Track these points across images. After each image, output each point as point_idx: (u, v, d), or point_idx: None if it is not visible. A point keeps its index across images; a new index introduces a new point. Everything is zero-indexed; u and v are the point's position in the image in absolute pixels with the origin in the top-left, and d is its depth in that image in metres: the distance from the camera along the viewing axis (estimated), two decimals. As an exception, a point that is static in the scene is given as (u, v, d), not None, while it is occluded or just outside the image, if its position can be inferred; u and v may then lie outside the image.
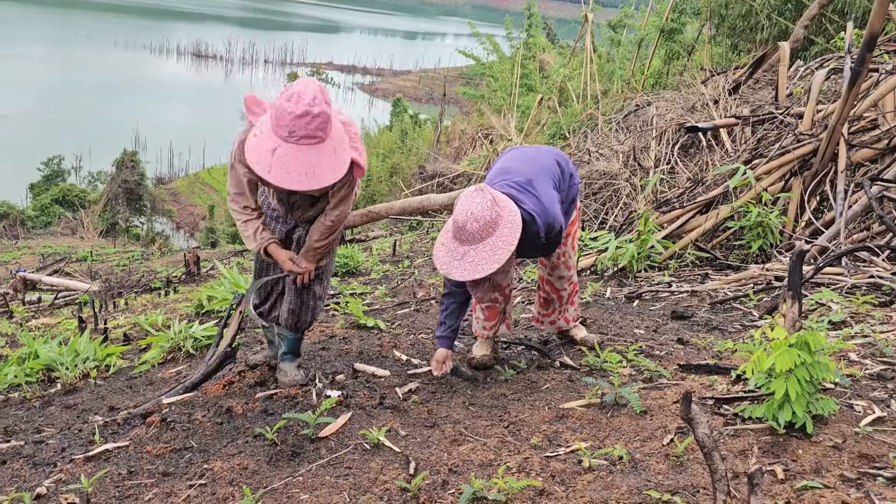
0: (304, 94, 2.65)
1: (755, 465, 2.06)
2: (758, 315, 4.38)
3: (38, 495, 2.53)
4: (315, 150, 2.67)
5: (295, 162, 2.66)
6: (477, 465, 2.59)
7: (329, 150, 2.71)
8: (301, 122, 2.63)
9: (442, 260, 3.09)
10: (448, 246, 3.09)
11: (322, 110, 2.64)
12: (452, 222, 3.06)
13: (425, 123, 25.68)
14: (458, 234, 3.05)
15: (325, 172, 2.70)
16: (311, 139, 2.66)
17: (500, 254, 3.03)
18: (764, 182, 5.90)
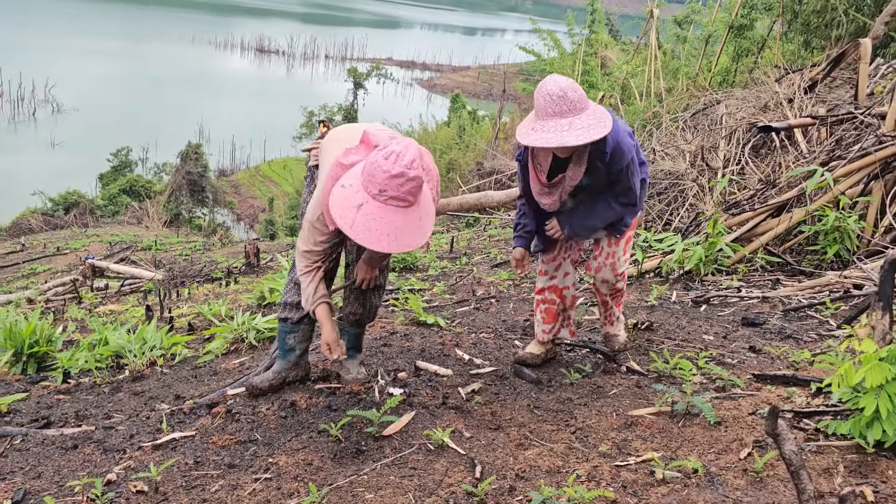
0: (403, 156, 2.53)
1: (844, 485, 1.95)
2: (835, 325, 4.18)
3: (108, 481, 2.57)
4: (402, 213, 2.55)
5: (380, 221, 2.53)
6: (544, 471, 2.52)
7: (415, 217, 2.59)
8: (394, 183, 2.51)
9: (543, 137, 2.94)
10: (546, 124, 2.95)
11: (418, 175, 2.53)
12: (545, 99, 2.95)
13: (483, 120, 25.58)
14: (558, 107, 2.93)
15: (408, 238, 2.57)
16: (401, 202, 2.53)
17: (605, 120, 2.97)
18: (842, 185, 5.64)
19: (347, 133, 3.06)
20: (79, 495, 2.47)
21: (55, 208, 24.33)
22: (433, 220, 2.72)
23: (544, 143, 2.94)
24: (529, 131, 3.00)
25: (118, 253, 15.05)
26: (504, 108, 22.38)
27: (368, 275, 3.22)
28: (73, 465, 2.77)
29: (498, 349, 3.99)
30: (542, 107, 2.95)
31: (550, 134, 2.93)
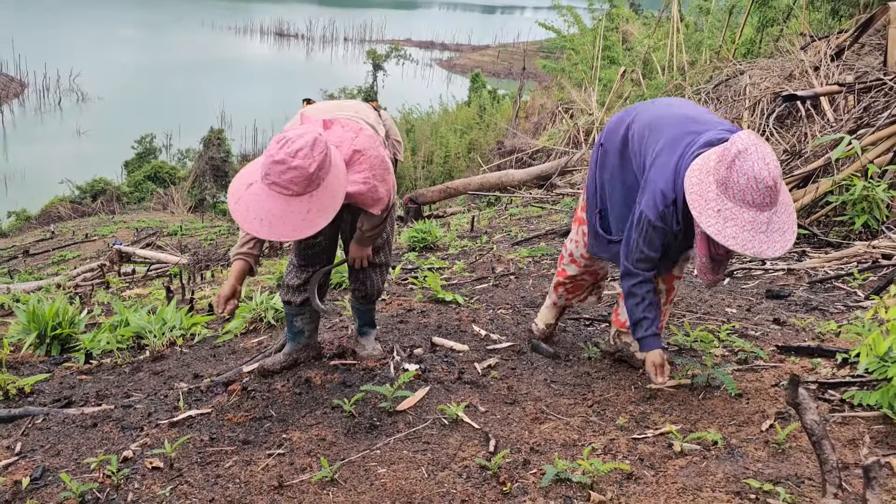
0: (292, 143, 2.42)
1: (870, 456, 1.88)
2: (863, 295, 4.08)
3: (124, 458, 2.58)
4: (283, 201, 2.43)
5: (258, 205, 2.44)
6: (560, 444, 2.49)
7: (300, 209, 2.44)
8: (276, 169, 2.40)
9: (742, 238, 2.37)
10: (741, 215, 2.37)
11: (300, 165, 2.39)
12: (751, 185, 2.34)
13: (504, 98, 25.37)
14: (764, 198, 2.35)
15: (284, 227, 2.44)
16: (284, 189, 2.42)
17: (793, 213, 2.47)
18: (870, 153, 5.48)
19: (312, 110, 2.98)
20: (95, 472, 2.49)
21: (83, 196, 24.63)
22: (329, 215, 2.50)
23: (743, 249, 2.37)
24: (718, 218, 2.40)
25: (144, 238, 15.22)
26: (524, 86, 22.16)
27: (359, 254, 3.16)
28: (91, 442, 2.79)
29: (516, 325, 3.94)
30: (743, 192, 2.36)
31: (749, 234, 2.37)
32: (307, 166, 2.40)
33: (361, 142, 2.69)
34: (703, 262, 2.67)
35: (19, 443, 2.82)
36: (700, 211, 2.43)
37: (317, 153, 2.43)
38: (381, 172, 2.72)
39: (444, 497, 2.19)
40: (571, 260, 3.34)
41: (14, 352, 4.34)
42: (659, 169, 2.64)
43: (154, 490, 2.37)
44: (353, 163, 2.65)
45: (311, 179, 2.42)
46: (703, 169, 2.48)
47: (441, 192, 11.64)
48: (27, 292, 7.86)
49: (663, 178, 2.62)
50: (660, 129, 2.74)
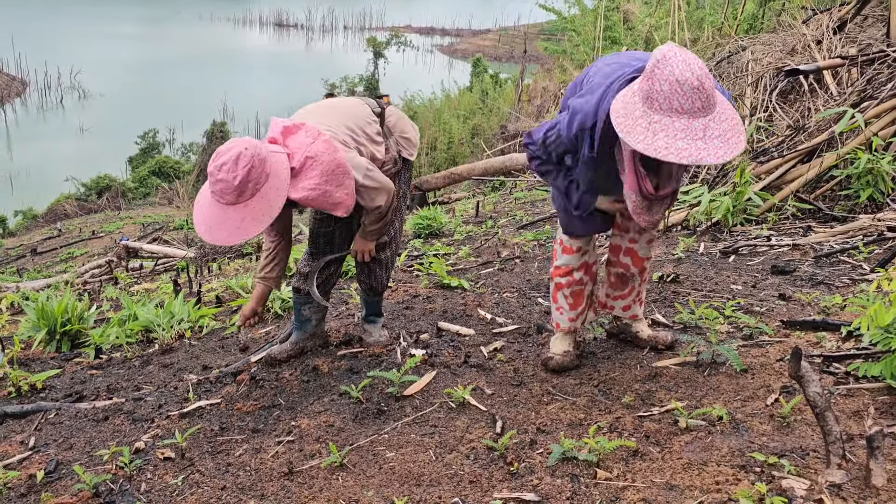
0: (219, 157, 2.59)
1: (873, 426, 1.89)
2: (869, 268, 4.07)
3: (136, 449, 2.62)
4: (221, 209, 2.61)
5: (204, 210, 2.65)
6: (566, 424, 2.51)
7: (235, 217, 2.60)
8: (210, 180, 2.60)
9: (674, 147, 2.18)
10: (672, 124, 2.20)
11: (223, 178, 2.56)
12: (675, 90, 2.18)
13: (506, 83, 25.26)
14: (692, 102, 2.18)
15: (220, 234, 2.61)
16: (219, 198, 2.59)
17: (739, 120, 2.29)
18: (874, 126, 5.44)
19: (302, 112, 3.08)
20: (108, 463, 2.53)
21: (88, 193, 24.73)
22: (264, 223, 2.63)
23: (679, 158, 2.18)
24: (647, 132, 2.23)
25: (151, 234, 15.28)
26: (526, 69, 22.06)
27: (361, 247, 3.20)
28: (103, 435, 2.83)
29: (521, 308, 3.96)
30: (668, 99, 2.20)
31: (683, 143, 2.18)
32: (231, 180, 2.55)
33: (316, 148, 2.74)
34: (634, 201, 2.53)
35: (33, 437, 2.86)
36: (627, 130, 2.26)
37: (240, 167, 2.55)
38: (336, 177, 2.74)
39: (453, 478, 2.21)
40: (564, 249, 3.06)
41: (25, 349, 4.38)
42: (584, 97, 2.58)
43: (166, 480, 2.40)
44: (305, 169, 2.71)
45: (240, 191, 2.57)
46: (628, 92, 2.36)
47: (445, 179, 11.62)
48: (36, 290, 7.92)
49: (586, 104, 2.53)
50: (594, 75, 2.67)
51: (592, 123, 2.50)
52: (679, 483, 2.05)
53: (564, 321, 3.08)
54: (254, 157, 2.58)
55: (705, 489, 1.99)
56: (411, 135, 3.30)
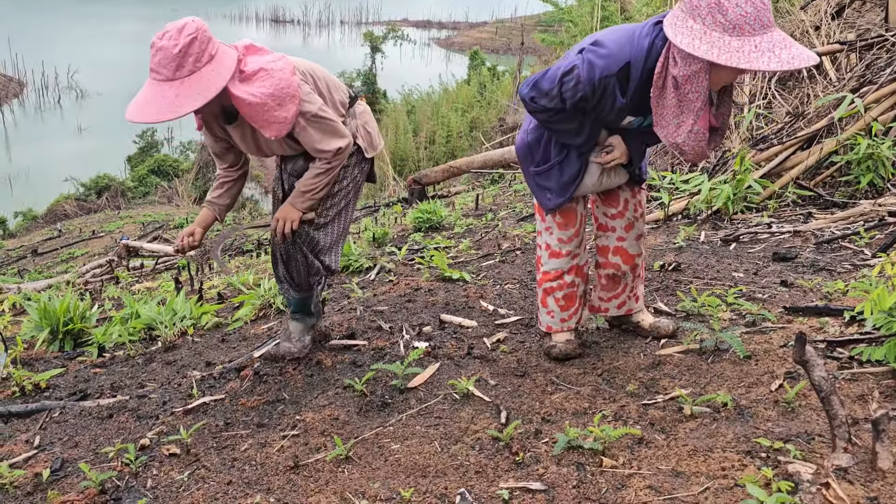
0: (166, 28, 2.51)
1: (879, 409, 1.89)
2: (870, 254, 4.06)
3: (142, 446, 2.62)
4: (157, 86, 2.49)
5: (141, 95, 2.53)
6: (571, 413, 2.51)
7: (169, 93, 2.47)
8: (151, 52, 2.50)
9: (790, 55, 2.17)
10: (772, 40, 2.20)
11: (164, 45, 2.46)
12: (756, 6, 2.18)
13: (504, 75, 25.20)
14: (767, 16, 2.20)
15: (149, 110, 2.47)
16: (156, 74, 2.49)
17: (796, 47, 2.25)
18: (874, 111, 5.43)
19: None
20: (113, 461, 2.53)
21: (87, 193, 24.73)
22: (196, 102, 2.48)
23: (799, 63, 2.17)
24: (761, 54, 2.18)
25: (151, 232, 15.29)
26: (524, 61, 22.02)
27: (284, 214, 2.92)
28: (108, 433, 2.83)
29: (523, 298, 3.96)
30: (757, 18, 2.19)
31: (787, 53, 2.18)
32: (171, 47, 2.45)
33: (274, 65, 2.65)
34: (702, 138, 2.46)
35: (38, 436, 2.86)
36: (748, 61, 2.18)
37: (183, 35, 2.47)
38: (282, 97, 2.63)
39: (458, 469, 2.21)
40: (551, 253, 2.97)
41: (28, 348, 4.38)
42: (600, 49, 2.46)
43: (172, 476, 2.40)
44: (255, 77, 2.61)
45: (178, 64, 2.46)
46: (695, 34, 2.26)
47: (444, 172, 11.61)
48: (38, 291, 7.92)
49: (610, 53, 2.44)
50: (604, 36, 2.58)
51: (620, 70, 2.45)
52: (685, 469, 2.05)
53: (556, 323, 3.04)
54: (199, 31, 2.51)
55: (711, 475, 2.00)
56: (374, 133, 3.13)
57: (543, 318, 3.06)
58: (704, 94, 2.39)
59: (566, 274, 2.97)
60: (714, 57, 2.22)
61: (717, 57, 2.22)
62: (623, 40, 2.46)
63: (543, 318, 3.06)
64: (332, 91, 2.94)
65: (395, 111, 24.65)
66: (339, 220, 3.07)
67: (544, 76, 2.58)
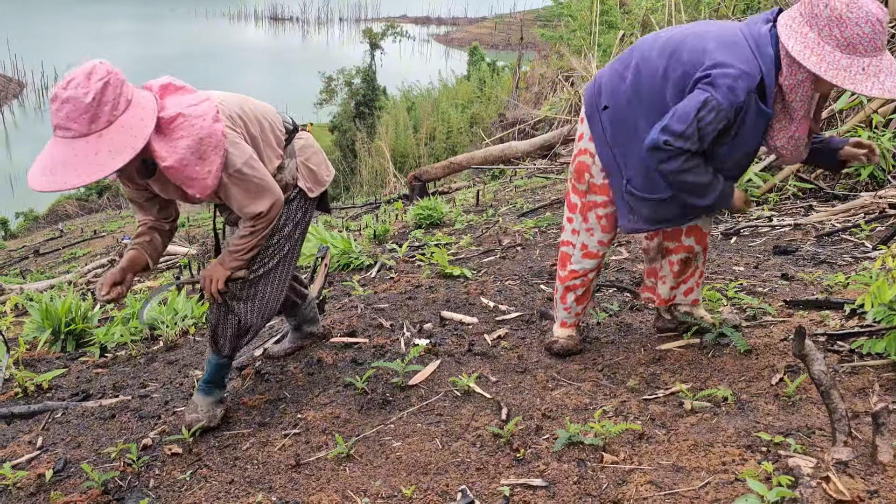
0: (68, 77, 2.14)
1: (879, 403, 1.89)
2: (871, 246, 4.06)
3: (144, 446, 2.63)
4: (68, 145, 2.12)
5: (45, 155, 2.15)
6: (571, 409, 2.51)
7: (88, 150, 2.11)
8: (52, 109, 2.12)
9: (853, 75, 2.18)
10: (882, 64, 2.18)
11: (72, 95, 2.09)
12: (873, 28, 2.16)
13: (503, 70, 25.16)
14: (884, 37, 2.18)
15: (67, 174, 2.10)
16: (64, 131, 2.12)
17: None
18: (874, 103, 5.42)
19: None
20: (116, 461, 2.54)
21: (88, 193, 24.74)
22: (126, 156, 2.14)
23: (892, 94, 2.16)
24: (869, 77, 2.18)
25: (152, 232, 15.27)
26: (523, 56, 21.95)
27: (211, 273, 2.61)
28: (111, 433, 2.84)
29: (524, 295, 3.96)
30: (872, 39, 2.17)
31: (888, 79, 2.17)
32: (81, 96, 2.10)
33: (194, 109, 2.30)
34: (798, 144, 2.44)
35: (40, 437, 2.87)
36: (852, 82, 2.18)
37: (93, 82, 2.12)
38: (201, 148, 2.28)
39: (459, 466, 2.22)
40: (585, 254, 2.89)
41: (30, 349, 4.39)
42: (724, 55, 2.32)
43: (174, 475, 2.41)
44: (173, 126, 2.26)
45: (93, 114, 2.11)
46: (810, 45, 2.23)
47: (445, 168, 11.61)
48: (40, 291, 7.93)
49: (739, 61, 2.30)
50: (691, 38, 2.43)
51: (756, 86, 2.32)
52: (686, 464, 2.05)
53: (571, 318, 3.02)
54: (111, 74, 2.17)
55: (712, 470, 2.00)
56: (316, 168, 2.81)
57: (560, 313, 3.03)
58: (808, 103, 2.37)
59: (591, 272, 2.93)
60: (821, 71, 2.20)
61: (824, 72, 2.20)
62: (745, 54, 2.32)
63: (559, 314, 3.03)
64: (267, 131, 2.61)
65: (395, 108, 24.62)
66: (280, 268, 2.74)
67: (673, 118, 2.37)
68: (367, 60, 26.60)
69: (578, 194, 2.83)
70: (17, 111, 39.35)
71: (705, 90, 2.32)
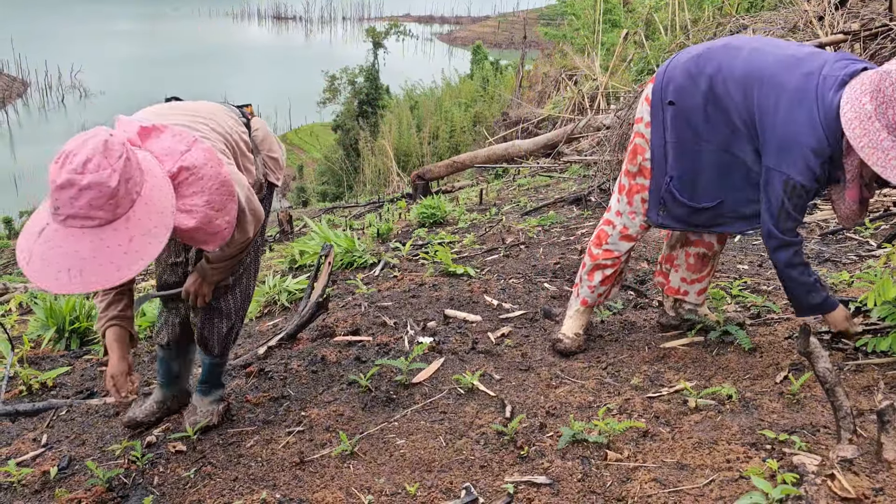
0: (74, 156, 1.76)
1: (884, 400, 1.89)
2: (876, 244, 4.05)
3: (148, 443, 2.63)
4: (90, 236, 1.78)
5: (58, 251, 1.78)
6: (575, 407, 2.51)
7: (116, 240, 1.81)
8: (64, 196, 1.75)
9: None
10: None
11: (95, 181, 1.75)
12: None
13: (506, 69, 25.16)
14: None
15: (102, 271, 1.79)
16: (86, 220, 1.77)
17: None
18: None
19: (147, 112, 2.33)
20: (120, 458, 2.54)
21: (92, 192, 24.81)
22: (162, 237, 1.88)
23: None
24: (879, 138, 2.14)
25: (155, 230, 15.29)
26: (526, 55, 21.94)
27: (195, 288, 2.49)
28: (115, 431, 2.84)
29: (527, 293, 3.96)
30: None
31: None
32: (105, 180, 1.77)
33: (193, 157, 2.01)
34: (855, 209, 2.42)
35: (45, 434, 2.88)
36: (883, 165, 2.13)
37: (114, 160, 1.80)
38: (219, 199, 2.05)
39: (463, 464, 2.22)
40: (624, 236, 2.88)
41: (34, 347, 4.40)
42: (794, 127, 2.32)
43: (179, 472, 2.41)
44: (179, 185, 1.99)
45: (119, 198, 1.80)
46: (861, 116, 2.18)
47: (448, 167, 11.60)
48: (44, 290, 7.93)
49: (808, 135, 2.30)
50: (771, 78, 2.39)
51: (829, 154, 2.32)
52: (690, 462, 2.05)
53: (593, 297, 3.01)
54: (125, 145, 1.86)
55: (716, 468, 1.99)
56: (278, 154, 2.69)
57: (583, 291, 3.01)
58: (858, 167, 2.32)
59: (624, 255, 2.94)
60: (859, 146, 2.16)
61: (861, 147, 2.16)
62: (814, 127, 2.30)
63: (583, 292, 3.01)
64: (240, 143, 2.41)
65: (398, 107, 24.63)
66: (255, 262, 2.71)
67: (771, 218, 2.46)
68: (370, 59, 26.60)
69: (629, 176, 2.82)
70: (22, 110, 39.44)
71: (778, 182, 2.38)
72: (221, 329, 2.64)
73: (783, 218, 2.42)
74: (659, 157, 2.70)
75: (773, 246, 2.51)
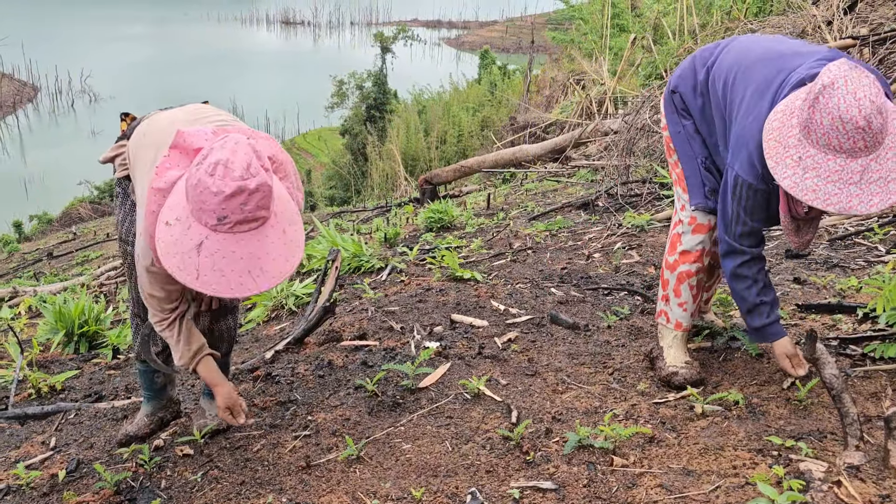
0: (232, 164, 1.83)
1: (891, 407, 1.88)
2: (884, 250, 4.03)
3: (155, 447, 2.65)
4: (259, 235, 1.88)
5: (232, 257, 1.86)
6: (581, 412, 2.51)
7: (277, 232, 1.92)
8: (234, 204, 1.82)
9: (824, 192, 1.93)
10: (824, 167, 1.94)
11: (262, 182, 1.85)
12: (832, 124, 1.90)
13: (514, 74, 25.20)
14: (851, 142, 1.90)
15: (277, 263, 1.91)
16: (253, 223, 1.87)
17: None
18: None
19: (157, 128, 2.30)
20: (128, 461, 2.56)
21: (102, 196, 24.95)
22: (300, 223, 2.02)
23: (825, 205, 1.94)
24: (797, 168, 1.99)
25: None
26: (534, 59, 21.97)
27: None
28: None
29: (534, 298, 3.96)
30: (827, 135, 1.93)
31: (834, 187, 1.92)
32: (267, 180, 1.88)
33: (266, 145, 2.07)
34: (785, 221, 2.24)
35: (53, 438, 2.90)
36: (777, 161, 2.02)
37: (264, 160, 1.92)
38: (296, 178, 2.20)
39: (469, 468, 2.22)
40: (695, 227, 2.65)
41: (44, 351, 4.43)
42: (749, 120, 2.23)
43: (186, 476, 2.42)
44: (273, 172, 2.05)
45: (272, 192, 1.92)
46: (786, 110, 2.06)
47: (456, 172, 11.62)
48: (53, 293, 8.00)
49: (757, 130, 2.19)
50: (747, 70, 2.32)
51: None
52: (696, 468, 2.05)
53: (687, 318, 2.69)
54: (273, 141, 2.08)
55: (722, 474, 1.99)
56: None
57: (675, 312, 2.70)
58: None
59: (705, 254, 2.65)
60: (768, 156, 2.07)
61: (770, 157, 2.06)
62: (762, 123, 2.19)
63: (675, 313, 2.70)
64: None
65: (406, 111, 24.70)
66: None
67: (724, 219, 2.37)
68: (377, 64, 26.68)
69: (673, 167, 2.74)
70: (32, 115, 39.73)
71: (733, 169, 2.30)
72: (233, 326, 2.73)
73: (734, 220, 2.33)
74: (681, 144, 2.64)
75: (722, 251, 2.42)
